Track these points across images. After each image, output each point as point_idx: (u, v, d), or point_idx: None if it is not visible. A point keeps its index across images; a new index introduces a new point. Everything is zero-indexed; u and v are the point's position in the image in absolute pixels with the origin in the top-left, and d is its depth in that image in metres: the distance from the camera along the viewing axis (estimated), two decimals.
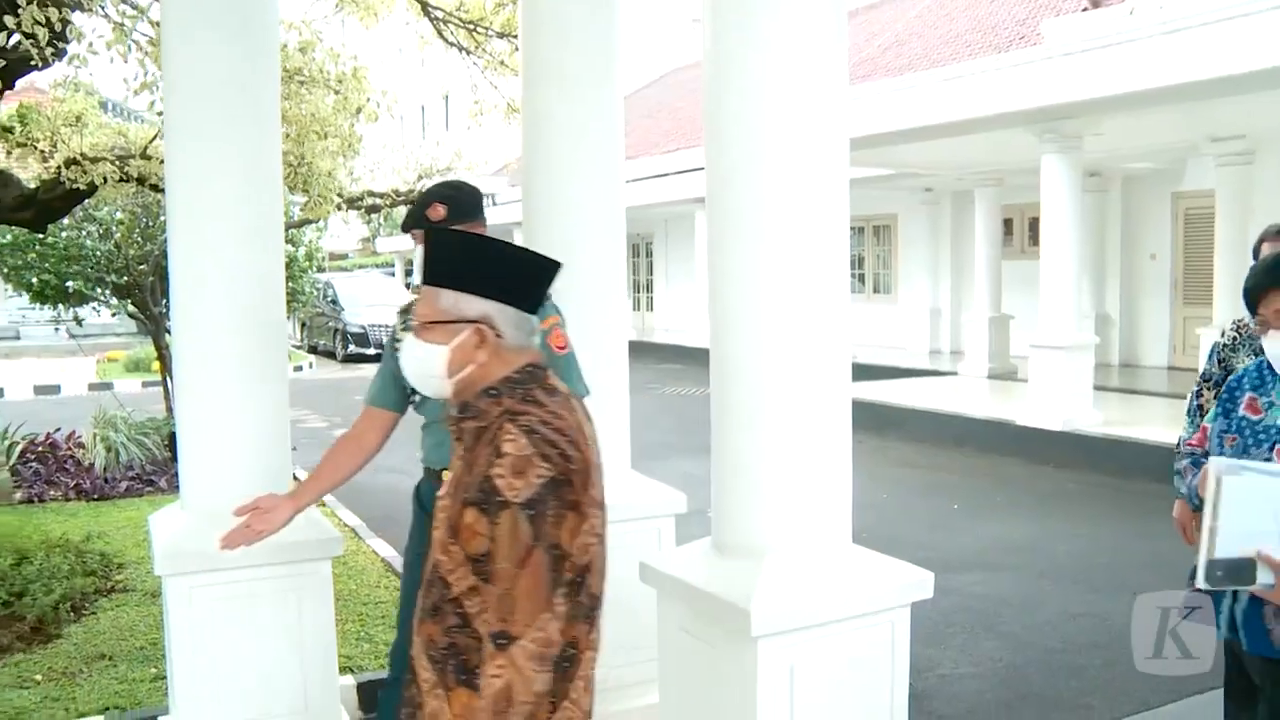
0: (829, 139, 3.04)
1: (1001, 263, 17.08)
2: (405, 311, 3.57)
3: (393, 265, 42.22)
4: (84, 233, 10.75)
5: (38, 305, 12.72)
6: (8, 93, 5.42)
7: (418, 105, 43.16)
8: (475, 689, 2.08)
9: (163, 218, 10.55)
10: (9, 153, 7.58)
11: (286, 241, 4.05)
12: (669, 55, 32.65)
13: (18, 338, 33.02)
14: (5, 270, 11.47)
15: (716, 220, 3.16)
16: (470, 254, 2.25)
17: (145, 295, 10.71)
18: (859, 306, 19.56)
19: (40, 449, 10.91)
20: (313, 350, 28.21)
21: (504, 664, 2.04)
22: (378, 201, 8.36)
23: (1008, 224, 18.54)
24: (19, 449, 10.54)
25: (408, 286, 29.54)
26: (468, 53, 8.22)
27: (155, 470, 10.16)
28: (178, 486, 9.33)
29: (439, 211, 3.39)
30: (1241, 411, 2.95)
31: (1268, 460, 2.83)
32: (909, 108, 12.22)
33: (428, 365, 2.21)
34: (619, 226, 4.57)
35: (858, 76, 14.81)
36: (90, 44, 5.48)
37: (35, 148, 7.47)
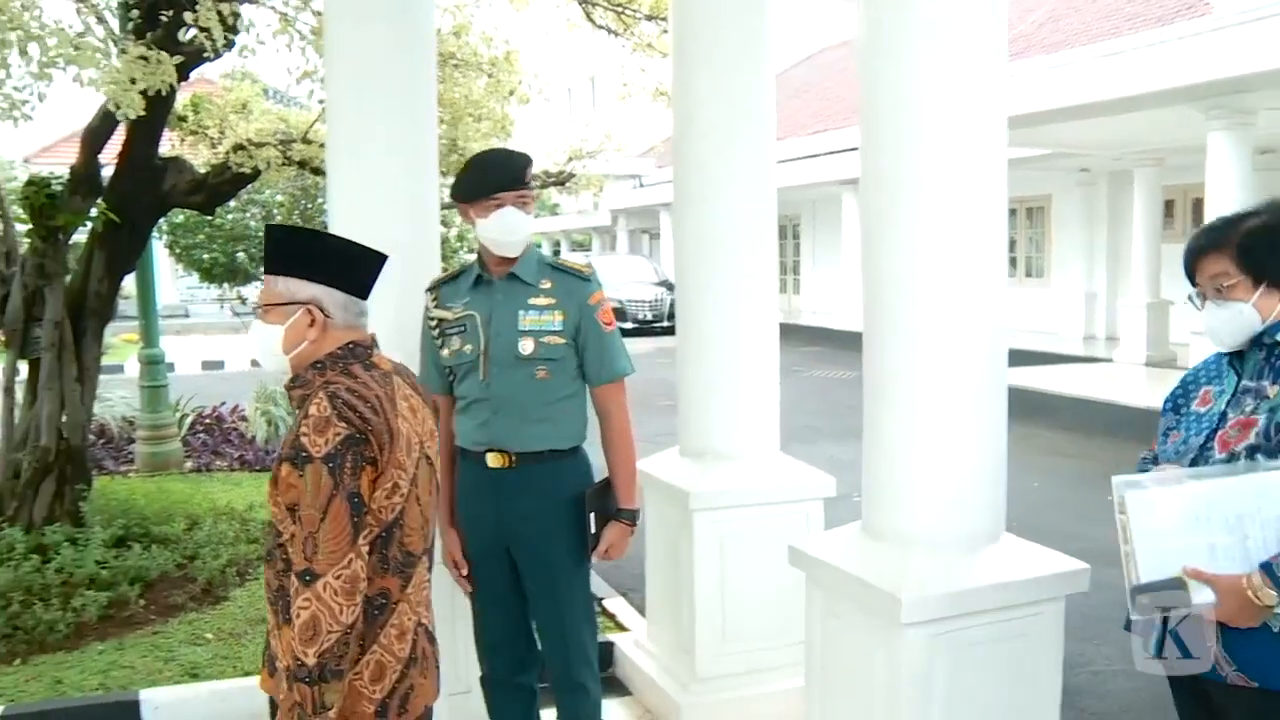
0: (987, 118, 2.97)
1: (1161, 246, 16.43)
2: (434, 289, 3.52)
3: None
4: (248, 214, 11.19)
5: (206, 284, 13.29)
6: (182, 84, 5.65)
7: (564, 88, 43.59)
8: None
9: (320, 199, 10.92)
10: (182, 140, 7.92)
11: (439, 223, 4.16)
12: (817, 34, 32.26)
13: (187, 315, 34.54)
14: (177, 250, 12.02)
15: (871, 202, 3.11)
16: (301, 244, 2.55)
17: None
18: (1010, 290, 19.05)
19: (208, 421, 11.43)
20: None
21: (309, 598, 2.25)
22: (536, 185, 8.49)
23: (1169, 205, 17.80)
24: (189, 421, 11.07)
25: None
26: (616, 35, 8.26)
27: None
28: None
29: (532, 172, 3.37)
30: (1194, 406, 2.63)
31: (1205, 448, 2.50)
32: (1066, 86, 11.83)
33: (267, 344, 2.49)
34: (770, 209, 4.53)
35: (1012, 54, 14.37)
36: (258, 35, 5.69)
37: (205, 135, 7.80)
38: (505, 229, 3.29)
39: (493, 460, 3.33)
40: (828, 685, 3.26)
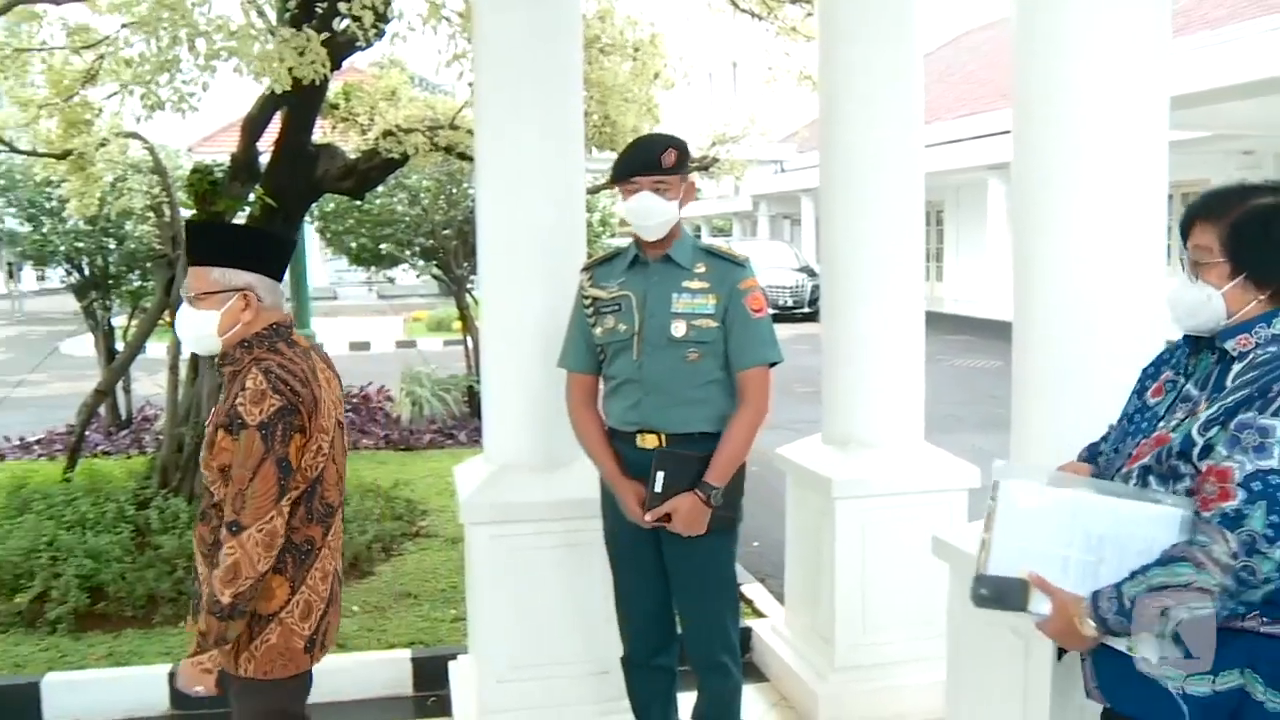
0: (1148, 99, 2.87)
1: None
2: (589, 269, 3.54)
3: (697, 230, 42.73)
4: (395, 199, 11.40)
5: (354, 267, 13.61)
6: (334, 73, 5.80)
7: (705, 73, 43.47)
8: None
9: (465, 184, 11.08)
10: (333, 127, 8.13)
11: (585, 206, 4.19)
12: (963, 16, 31.49)
13: (335, 298, 35.52)
14: (327, 235, 12.33)
15: (1024, 188, 3.03)
16: (233, 236, 2.97)
17: (449, 258, 11.27)
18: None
19: (355, 401, 11.75)
20: None
21: (234, 546, 2.63)
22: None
23: None
24: None
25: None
26: (760, 19, 8.19)
27: (455, 425, 10.74)
28: (476, 440, 9.82)
29: (671, 158, 3.32)
30: (1149, 395, 2.38)
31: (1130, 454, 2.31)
32: (1232, 62, 11.28)
33: (203, 328, 2.77)
34: (917, 194, 4.45)
35: (1173, 29, 13.80)
36: (409, 23, 5.81)
37: (355, 122, 7.99)
38: (639, 213, 3.31)
39: (645, 441, 3.35)
40: (970, 680, 3.20)
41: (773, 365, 3.36)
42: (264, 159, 6.78)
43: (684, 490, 3.25)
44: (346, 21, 5.64)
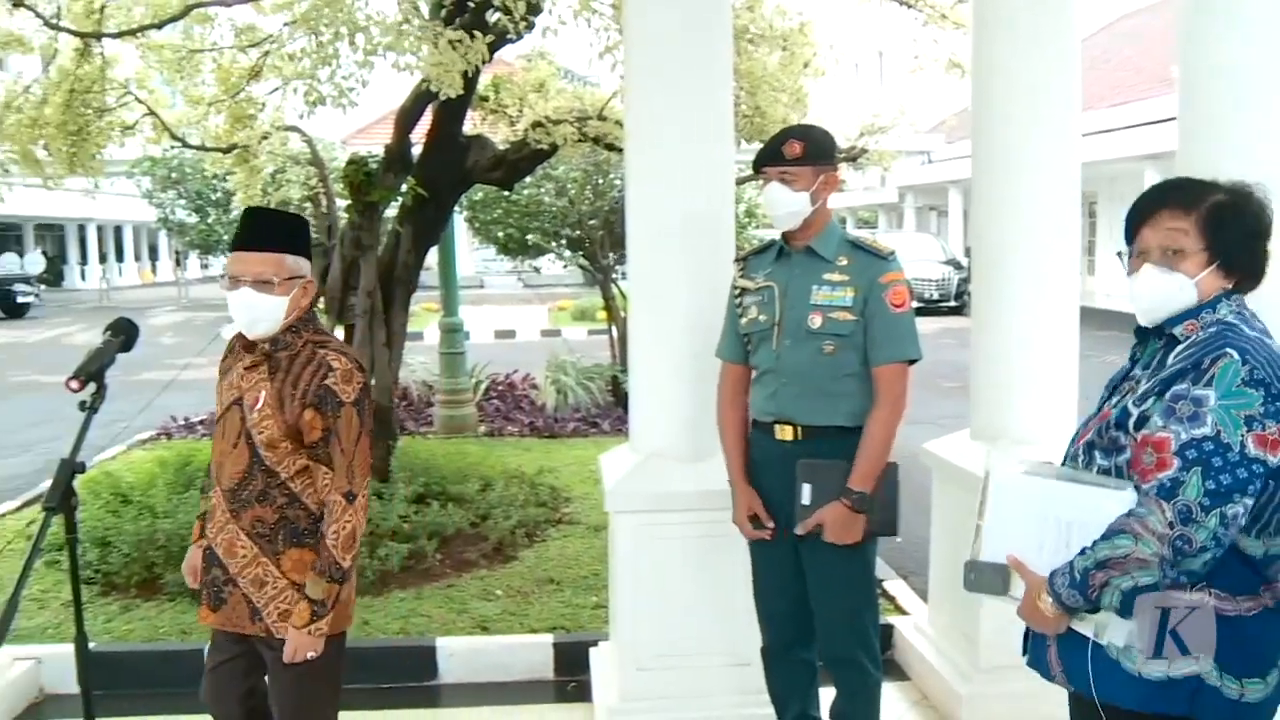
0: None
1: None
2: (741, 260, 3.55)
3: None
4: (542, 190, 11.55)
5: (501, 257, 13.85)
6: (484, 65, 5.90)
7: (851, 63, 42.87)
8: (306, 545, 2.90)
9: (612, 175, 11.15)
10: (483, 119, 8.27)
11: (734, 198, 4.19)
12: (1118, 0, 30.41)
13: (482, 286, 36.28)
14: (476, 225, 12.58)
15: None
16: (292, 224, 3.00)
17: (595, 248, 11.38)
18: None
19: (501, 388, 11.97)
20: None
21: (351, 514, 2.86)
22: None
23: None
24: (484, 387, 11.62)
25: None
26: (909, 6, 8.03)
27: (599, 413, 10.83)
28: (620, 429, 9.90)
29: (795, 149, 3.28)
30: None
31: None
32: None
33: (274, 313, 2.86)
34: (1073, 185, 4.30)
35: None
36: (559, 17, 5.87)
37: (505, 114, 8.12)
38: (767, 204, 3.34)
39: (781, 432, 3.35)
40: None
41: (912, 362, 3.31)
42: (416, 150, 6.94)
43: (832, 499, 3.23)
44: (498, 15, 5.73)
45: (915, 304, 3.41)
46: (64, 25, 6.76)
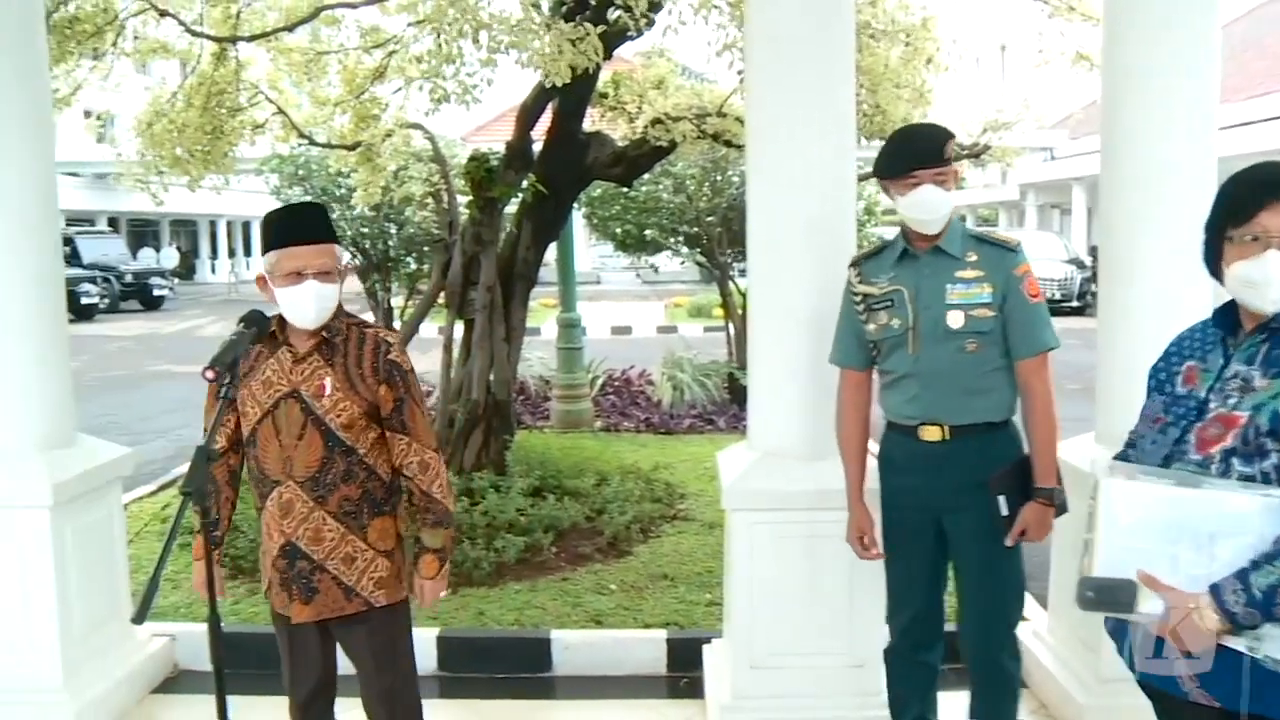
0: None
1: None
2: (856, 264, 3.49)
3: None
4: (660, 187, 11.58)
5: (618, 253, 13.93)
6: (604, 62, 5.95)
7: (973, 57, 42.07)
8: (384, 513, 3.09)
9: (730, 172, 11.14)
10: (602, 116, 8.34)
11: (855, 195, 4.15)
12: None
13: (599, 282, 36.55)
14: (594, 221, 12.68)
15: None
16: (326, 215, 3.10)
17: (712, 245, 11.38)
18: None
19: (617, 384, 12.05)
20: None
21: (440, 466, 3.11)
22: None
23: None
24: (600, 382, 11.72)
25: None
26: None
27: (715, 410, 10.83)
28: (735, 427, 9.89)
29: (952, 149, 3.26)
30: (1178, 387, 2.35)
31: (1180, 442, 2.26)
32: None
33: (333, 300, 2.99)
34: (1209, 184, 4.15)
35: None
36: (680, 14, 5.90)
37: (624, 111, 8.18)
38: (922, 208, 3.25)
39: (928, 434, 3.32)
40: None
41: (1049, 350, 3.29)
42: (536, 147, 7.03)
43: (1025, 502, 3.23)
44: (619, 12, 5.78)
45: None
46: (204, 31, 7.02)
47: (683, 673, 4.85)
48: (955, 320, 3.23)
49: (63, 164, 5.02)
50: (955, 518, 3.32)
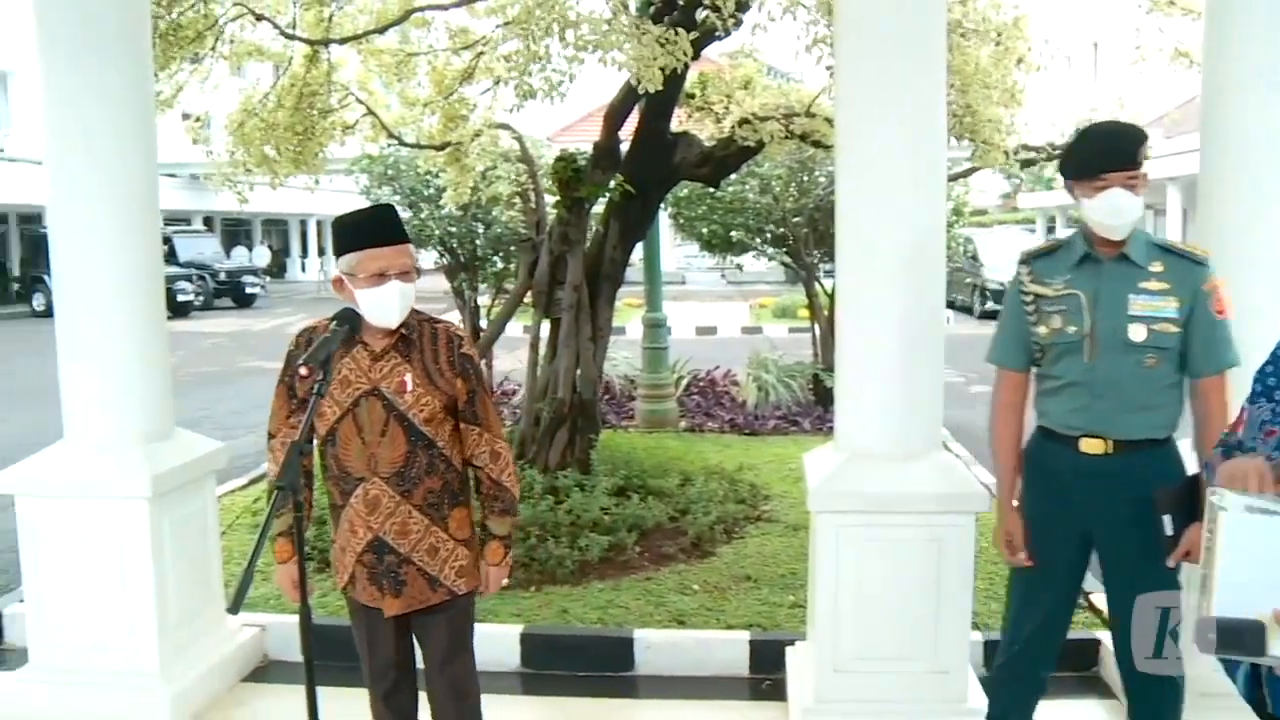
0: None
1: None
2: (1027, 262, 3.39)
3: (1034, 223, 40.90)
4: (746, 187, 11.56)
5: (703, 253, 13.92)
6: (692, 62, 5.96)
7: (1064, 55, 41.24)
8: (461, 503, 3.19)
9: (817, 172, 11.08)
10: (688, 116, 8.35)
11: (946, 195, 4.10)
12: None
13: (684, 282, 36.53)
14: (680, 221, 12.69)
15: None
16: (399, 216, 3.18)
17: (798, 245, 11.33)
18: None
19: (701, 384, 12.05)
20: (949, 305, 28.33)
21: (508, 456, 3.24)
22: (1033, 155, 8.07)
23: None
24: (685, 382, 11.73)
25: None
26: None
27: (800, 412, 10.79)
28: (820, 429, 9.82)
29: (1146, 152, 3.16)
30: None
31: None
32: None
33: (412, 299, 3.06)
34: None
35: None
36: (769, 13, 5.88)
37: (711, 111, 8.18)
38: (1110, 212, 3.15)
39: (1089, 446, 3.24)
40: None
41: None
42: (623, 147, 7.06)
43: (1190, 522, 3.06)
44: (706, 13, 5.78)
45: None
46: (298, 35, 7.18)
47: (765, 675, 4.85)
48: (1137, 333, 3.13)
49: (161, 165, 5.17)
50: (1110, 534, 3.24)
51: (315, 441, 3.13)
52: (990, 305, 25.55)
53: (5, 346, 21.12)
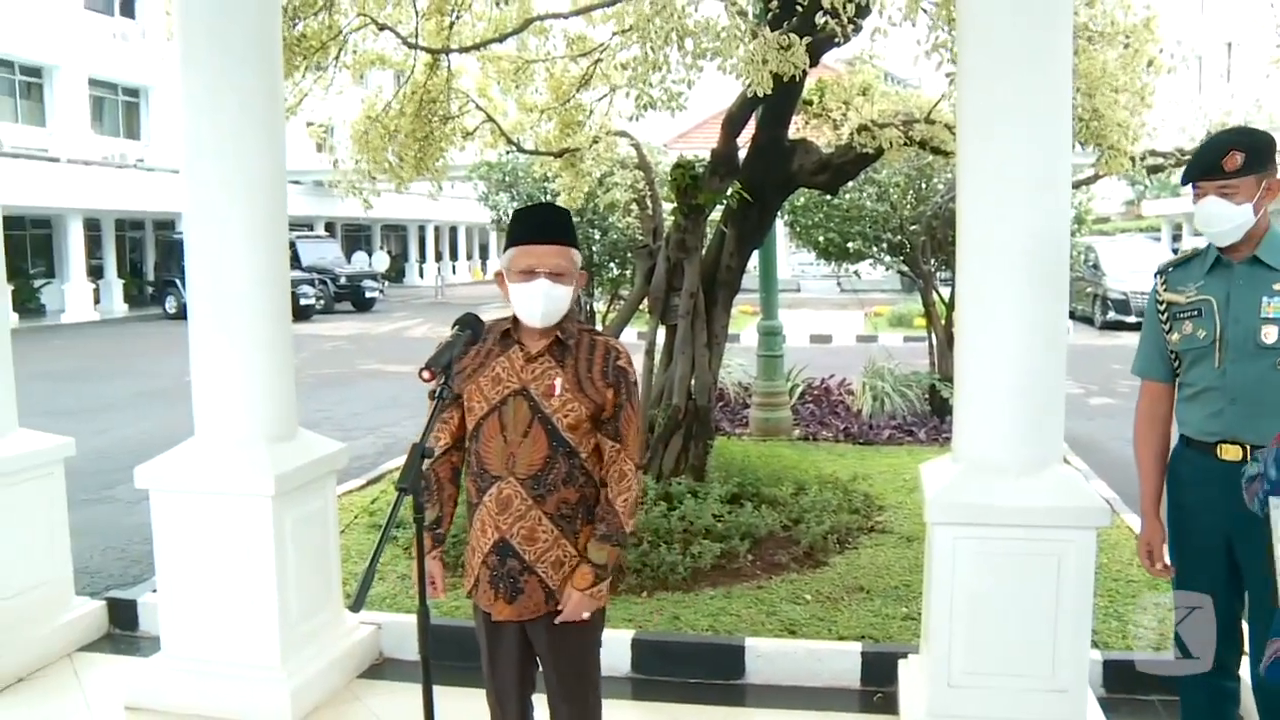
0: None
1: None
2: (1162, 273, 3.39)
3: (1158, 230, 39.71)
4: (863, 194, 11.48)
5: (819, 261, 13.84)
6: (810, 68, 5.94)
7: (1194, 57, 39.99)
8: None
9: (935, 180, 10.95)
10: (806, 123, 8.33)
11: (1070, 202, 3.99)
12: None
13: (798, 290, 36.38)
14: (797, 229, 12.65)
15: None
16: (569, 218, 3.13)
17: (916, 253, 11.21)
18: None
19: (816, 392, 11.98)
20: (1070, 316, 27.68)
21: (639, 483, 3.15)
22: (1160, 160, 7.86)
23: None
24: (799, 391, 11.68)
25: (1175, 251, 27.82)
26: None
27: (915, 422, 10.66)
28: (936, 439, 9.70)
29: (1236, 160, 3.11)
30: None
31: None
32: None
33: (565, 303, 3.06)
34: None
35: None
36: (889, 17, 5.83)
37: (829, 117, 8.14)
38: (1203, 220, 3.19)
39: (1228, 453, 3.21)
40: None
41: None
42: (740, 154, 7.07)
43: None
44: (825, 18, 5.76)
45: None
46: (419, 44, 7.35)
47: (877, 687, 4.81)
48: (1270, 335, 3.10)
49: (286, 171, 5.38)
50: (1247, 542, 3.15)
51: (465, 438, 3.19)
52: (1112, 315, 24.90)
53: (142, 347, 22.04)
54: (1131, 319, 24.12)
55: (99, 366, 18.53)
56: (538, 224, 3.12)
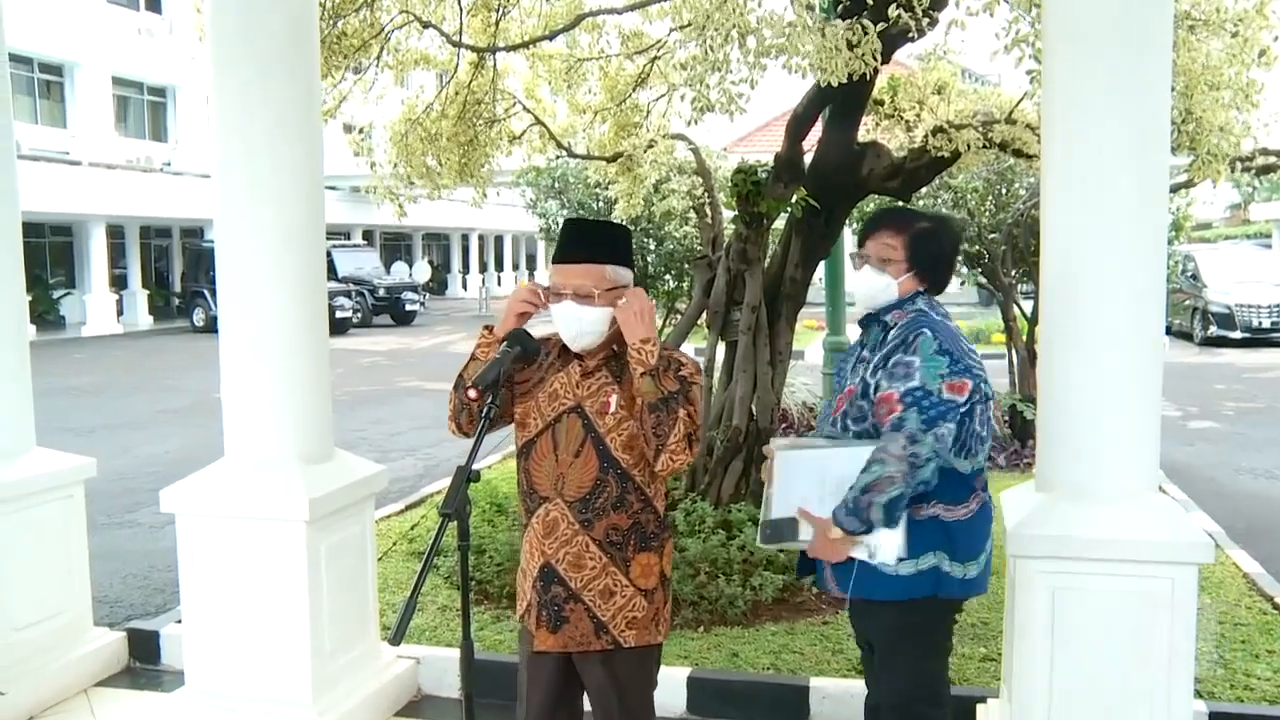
0: None
1: None
2: None
3: (1269, 236, 38.93)
4: (938, 201, 11.38)
5: None
6: (881, 66, 5.88)
7: None
8: (652, 549, 3.19)
9: (1016, 185, 10.83)
10: (877, 124, 8.26)
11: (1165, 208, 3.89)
12: None
13: None
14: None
15: None
16: (613, 234, 3.31)
17: (995, 264, 11.08)
18: None
19: None
20: (1166, 331, 27.19)
21: (684, 428, 3.05)
22: (1272, 160, 7.67)
23: None
24: None
25: None
26: None
27: (995, 446, 10.50)
28: (1017, 465, 9.57)
29: None
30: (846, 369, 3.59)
31: (831, 408, 3.50)
32: None
33: (596, 326, 3.10)
34: None
35: None
36: (968, 7, 5.76)
37: (901, 118, 8.06)
38: None
39: None
40: None
41: None
42: (806, 158, 7.02)
43: None
44: (899, 11, 5.71)
45: None
46: (464, 42, 7.40)
47: None
48: None
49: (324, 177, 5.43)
50: None
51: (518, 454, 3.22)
52: (1214, 331, 24.26)
53: (168, 362, 22.34)
54: (1236, 334, 23.55)
55: (122, 381, 18.81)
56: (570, 243, 3.16)
